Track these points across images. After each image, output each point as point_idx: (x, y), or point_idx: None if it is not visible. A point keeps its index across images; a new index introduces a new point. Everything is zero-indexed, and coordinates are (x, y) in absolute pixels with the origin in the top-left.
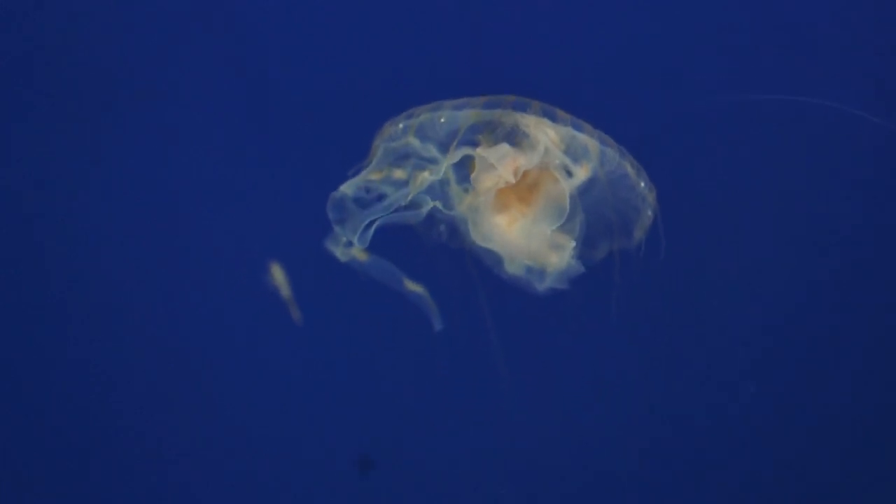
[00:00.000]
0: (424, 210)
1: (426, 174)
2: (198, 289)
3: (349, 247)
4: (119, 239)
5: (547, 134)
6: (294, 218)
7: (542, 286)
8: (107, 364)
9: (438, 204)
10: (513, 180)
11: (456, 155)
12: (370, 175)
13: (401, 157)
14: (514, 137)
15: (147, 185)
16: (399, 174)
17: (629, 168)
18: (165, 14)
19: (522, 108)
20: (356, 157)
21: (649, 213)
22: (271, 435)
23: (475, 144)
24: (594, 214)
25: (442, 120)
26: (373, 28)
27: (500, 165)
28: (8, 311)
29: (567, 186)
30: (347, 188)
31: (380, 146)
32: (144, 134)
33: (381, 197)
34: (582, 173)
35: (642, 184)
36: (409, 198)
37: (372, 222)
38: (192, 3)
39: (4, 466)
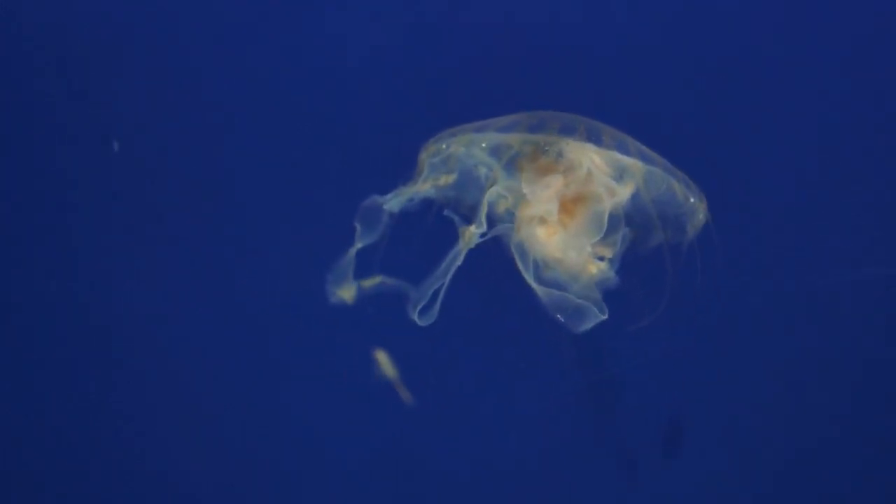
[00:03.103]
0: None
1: (472, 228)
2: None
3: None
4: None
5: (592, 159)
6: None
7: (573, 292)
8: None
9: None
10: (555, 216)
11: (493, 193)
12: (418, 187)
13: (447, 166)
14: (560, 159)
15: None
16: (446, 179)
17: (676, 185)
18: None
19: (568, 132)
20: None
21: (700, 217)
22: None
23: (520, 155)
24: (643, 215)
25: (483, 145)
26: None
27: (539, 203)
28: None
29: (609, 205)
30: (393, 203)
31: (426, 161)
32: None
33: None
34: (625, 192)
35: (691, 199)
36: (463, 254)
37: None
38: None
39: (5, 466)
